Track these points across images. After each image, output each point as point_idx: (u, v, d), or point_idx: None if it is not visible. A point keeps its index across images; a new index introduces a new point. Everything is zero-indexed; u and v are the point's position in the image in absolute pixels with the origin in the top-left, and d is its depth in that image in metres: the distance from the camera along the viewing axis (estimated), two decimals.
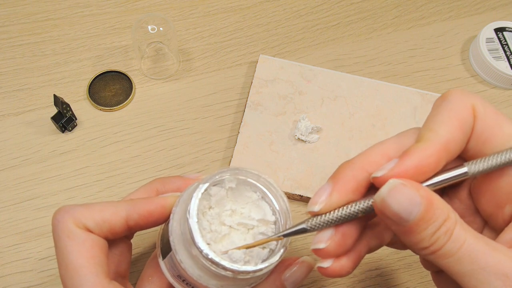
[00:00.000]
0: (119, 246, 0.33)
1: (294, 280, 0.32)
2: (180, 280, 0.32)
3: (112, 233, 0.31)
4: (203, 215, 0.30)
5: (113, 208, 0.31)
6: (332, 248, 0.27)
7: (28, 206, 0.43)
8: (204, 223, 0.30)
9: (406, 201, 0.25)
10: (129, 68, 0.51)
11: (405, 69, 0.52)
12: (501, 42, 0.53)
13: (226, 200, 0.31)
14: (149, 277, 0.33)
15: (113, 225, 0.31)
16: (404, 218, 0.25)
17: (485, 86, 0.52)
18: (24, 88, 0.50)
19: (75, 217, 0.30)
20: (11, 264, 0.41)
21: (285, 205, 0.31)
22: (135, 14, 0.55)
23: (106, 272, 0.30)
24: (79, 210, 0.30)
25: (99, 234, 0.30)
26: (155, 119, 0.48)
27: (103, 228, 0.30)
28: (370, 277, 0.42)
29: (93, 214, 0.30)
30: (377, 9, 0.57)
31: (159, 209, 0.32)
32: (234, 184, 0.31)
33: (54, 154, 0.46)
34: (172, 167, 0.46)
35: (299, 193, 0.44)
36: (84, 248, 0.29)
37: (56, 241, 0.30)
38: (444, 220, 0.25)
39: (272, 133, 0.46)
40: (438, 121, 0.27)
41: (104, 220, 0.30)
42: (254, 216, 0.31)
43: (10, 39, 0.52)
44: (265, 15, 0.56)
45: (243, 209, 0.31)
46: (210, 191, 0.31)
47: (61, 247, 0.29)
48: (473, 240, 0.26)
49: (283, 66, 0.50)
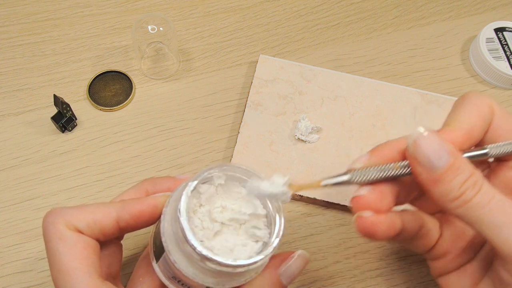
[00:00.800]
0: (109, 247, 0.33)
1: (290, 274, 0.32)
2: (175, 281, 0.31)
3: (104, 234, 0.31)
4: (194, 213, 0.30)
5: (104, 209, 0.31)
6: (372, 197, 0.29)
7: (28, 206, 0.43)
8: (195, 220, 0.30)
9: (436, 146, 0.27)
10: (129, 68, 0.51)
11: (405, 69, 0.52)
12: (501, 42, 0.53)
13: (216, 197, 0.31)
14: (140, 278, 0.33)
15: (104, 226, 0.31)
16: (434, 163, 0.27)
17: (485, 86, 0.52)
18: (24, 88, 0.50)
19: (66, 219, 0.30)
20: (11, 264, 0.41)
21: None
22: (135, 14, 0.55)
23: (99, 273, 0.30)
24: (70, 212, 0.30)
25: (91, 236, 0.30)
26: (155, 119, 0.48)
27: (94, 229, 0.30)
28: (370, 277, 0.42)
29: (84, 215, 0.30)
30: (377, 9, 0.57)
31: (150, 209, 0.32)
32: (223, 181, 0.31)
33: (54, 154, 0.46)
34: (172, 167, 0.46)
35: (299, 193, 0.44)
36: (76, 249, 0.29)
37: (47, 243, 0.30)
38: (471, 173, 0.28)
39: (272, 133, 0.46)
40: (461, 113, 0.30)
41: (95, 221, 0.30)
42: (245, 210, 0.31)
43: (10, 39, 0.52)
44: (265, 15, 0.56)
45: (233, 205, 0.31)
46: (200, 189, 0.31)
47: (53, 250, 0.29)
48: (501, 196, 0.28)
49: (283, 66, 0.50)
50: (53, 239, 0.29)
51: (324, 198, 0.44)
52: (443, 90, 0.51)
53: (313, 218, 0.44)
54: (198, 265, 0.29)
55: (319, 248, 0.43)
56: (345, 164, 0.44)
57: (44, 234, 0.30)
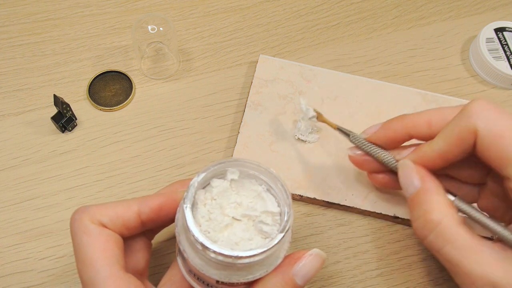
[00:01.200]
0: (137, 243, 0.34)
1: (304, 274, 0.31)
2: (192, 275, 0.32)
3: (127, 228, 0.32)
4: (204, 205, 0.31)
5: (126, 204, 0.32)
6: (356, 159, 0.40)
7: (28, 206, 0.43)
8: (202, 210, 0.31)
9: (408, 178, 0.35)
10: (129, 68, 0.51)
11: (405, 69, 0.52)
12: (501, 42, 0.53)
13: (229, 192, 0.32)
14: (171, 277, 0.34)
15: (126, 220, 0.32)
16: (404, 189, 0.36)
17: (485, 86, 0.52)
18: (24, 88, 0.50)
19: (90, 214, 0.31)
20: (11, 264, 0.41)
21: (286, 194, 0.31)
22: (135, 14, 0.55)
23: (121, 264, 0.31)
24: (94, 208, 0.32)
25: (114, 230, 0.32)
26: (155, 119, 0.48)
27: (117, 223, 0.32)
28: (370, 277, 0.42)
29: (107, 210, 0.32)
30: (377, 9, 0.57)
31: (169, 203, 0.33)
32: (236, 176, 0.32)
33: (54, 154, 0.46)
34: (172, 167, 0.46)
35: (299, 193, 0.44)
36: (99, 241, 0.30)
37: (73, 237, 0.31)
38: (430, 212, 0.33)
39: (272, 133, 0.46)
40: (442, 136, 0.35)
41: (118, 215, 0.32)
42: (258, 208, 0.31)
43: (10, 39, 0.52)
44: (265, 15, 0.56)
45: (247, 201, 0.32)
46: (213, 183, 0.31)
47: (78, 243, 0.31)
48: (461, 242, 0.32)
49: (283, 66, 0.50)
50: (78, 233, 0.31)
51: (324, 198, 0.44)
52: (443, 90, 0.51)
53: (313, 218, 0.44)
54: (201, 255, 0.29)
55: (319, 248, 0.43)
56: (345, 164, 0.44)
57: (71, 229, 0.32)
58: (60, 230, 0.42)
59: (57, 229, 0.42)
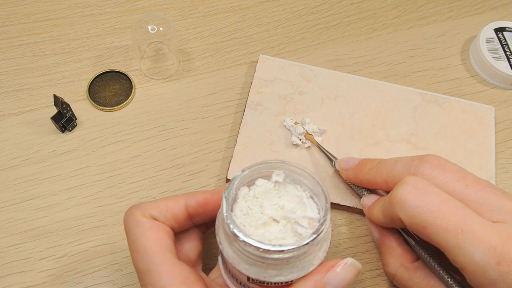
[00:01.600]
0: (189, 235, 0.36)
1: (337, 284, 0.31)
2: (228, 271, 0.33)
3: (176, 220, 0.34)
4: (245, 201, 0.32)
5: (174, 198, 0.35)
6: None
7: (28, 206, 0.43)
8: (242, 205, 0.32)
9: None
10: (129, 68, 0.51)
11: (405, 69, 0.52)
12: (501, 42, 0.53)
13: (272, 193, 0.33)
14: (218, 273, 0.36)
15: (175, 212, 0.34)
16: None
17: (485, 86, 0.52)
18: (24, 88, 0.50)
19: (141, 209, 0.34)
20: (11, 264, 0.41)
21: (325, 199, 0.31)
22: (135, 14, 0.55)
23: (173, 252, 0.32)
24: (145, 204, 0.34)
25: (164, 222, 0.34)
26: (155, 119, 0.48)
27: (167, 215, 0.34)
28: (370, 277, 0.42)
29: (157, 204, 0.34)
30: (377, 9, 0.57)
31: (215, 197, 0.35)
32: (281, 179, 0.33)
33: (54, 154, 0.46)
34: (172, 167, 0.46)
35: None
36: (151, 232, 0.32)
37: (127, 231, 0.33)
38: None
39: (272, 133, 0.46)
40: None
41: (167, 208, 0.34)
42: (299, 212, 0.32)
43: (10, 39, 0.52)
44: (265, 15, 0.56)
45: (289, 205, 0.32)
46: (257, 182, 0.33)
47: (131, 235, 0.33)
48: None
49: (283, 66, 0.50)
50: (131, 227, 0.33)
51: None
52: (443, 90, 0.51)
53: None
54: (235, 247, 0.30)
55: None
56: None
57: (125, 225, 0.34)
58: (60, 230, 0.42)
59: (57, 229, 0.42)
